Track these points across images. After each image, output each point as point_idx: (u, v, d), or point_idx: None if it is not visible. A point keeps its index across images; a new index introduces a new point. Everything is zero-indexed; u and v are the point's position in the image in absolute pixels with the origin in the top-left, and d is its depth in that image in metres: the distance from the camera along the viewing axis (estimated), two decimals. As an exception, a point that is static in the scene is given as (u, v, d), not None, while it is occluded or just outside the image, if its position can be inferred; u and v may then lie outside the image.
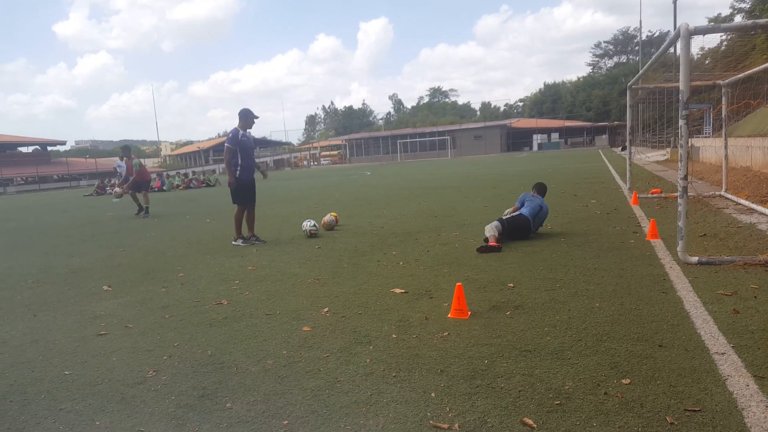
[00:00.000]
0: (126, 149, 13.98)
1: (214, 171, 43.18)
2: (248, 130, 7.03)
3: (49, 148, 66.83)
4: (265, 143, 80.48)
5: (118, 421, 2.37)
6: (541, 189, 6.72)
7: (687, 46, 4.36)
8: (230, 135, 6.83)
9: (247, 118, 6.90)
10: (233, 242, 7.05)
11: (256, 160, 7.05)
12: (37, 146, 64.49)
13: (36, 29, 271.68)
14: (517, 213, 6.22)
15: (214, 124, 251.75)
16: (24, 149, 64.58)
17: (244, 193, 6.95)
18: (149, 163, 66.37)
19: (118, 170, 25.10)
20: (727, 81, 8.66)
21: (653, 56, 6.64)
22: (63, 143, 70.50)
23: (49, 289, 5.13)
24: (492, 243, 5.58)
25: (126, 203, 14.06)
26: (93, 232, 9.78)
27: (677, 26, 4.47)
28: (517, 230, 6.07)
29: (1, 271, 6.22)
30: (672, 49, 5.27)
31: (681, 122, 4.53)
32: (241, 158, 6.83)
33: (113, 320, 3.91)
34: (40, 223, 12.46)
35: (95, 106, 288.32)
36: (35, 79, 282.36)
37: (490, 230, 5.80)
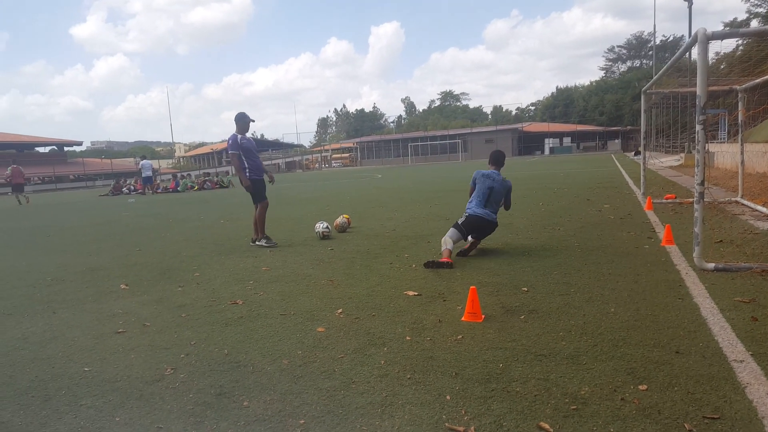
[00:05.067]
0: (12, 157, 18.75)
1: (227, 173, 43.52)
2: (247, 133, 7.12)
3: (66, 149, 67.83)
4: (277, 145, 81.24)
5: (138, 418, 2.40)
6: (495, 160, 5.77)
7: (705, 51, 4.34)
8: (230, 142, 6.91)
9: (242, 121, 6.99)
10: (257, 243, 6.99)
11: (263, 164, 7.15)
12: (53, 146, 65.49)
13: (54, 32, 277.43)
14: (466, 215, 5.52)
15: (227, 126, 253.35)
16: (41, 149, 65.68)
17: (262, 190, 7.07)
18: (163, 164, 66.96)
19: (142, 169, 25.68)
20: (744, 86, 8.57)
21: (669, 61, 6.59)
22: (79, 144, 71.55)
23: (68, 287, 5.21)
24: (443, 259, 5.04)
25: (142, 204, 14.20)
26: (109, 232, 9.90)
27: (694, 31, 4.44)
28: (479, 230, 5.51)
29: (20, 269, 6.33)
30: (687, 54, 5.24)
31: (698, 127, 4.49)
32: (246, 160, 6.92)
33: (131, 318, 3.97)
34: (58, 222, 12.64)
35: (111, 107, 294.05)
36: (53, 80, 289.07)
37: (446, 242, 5.29)
